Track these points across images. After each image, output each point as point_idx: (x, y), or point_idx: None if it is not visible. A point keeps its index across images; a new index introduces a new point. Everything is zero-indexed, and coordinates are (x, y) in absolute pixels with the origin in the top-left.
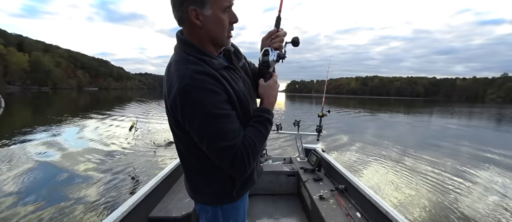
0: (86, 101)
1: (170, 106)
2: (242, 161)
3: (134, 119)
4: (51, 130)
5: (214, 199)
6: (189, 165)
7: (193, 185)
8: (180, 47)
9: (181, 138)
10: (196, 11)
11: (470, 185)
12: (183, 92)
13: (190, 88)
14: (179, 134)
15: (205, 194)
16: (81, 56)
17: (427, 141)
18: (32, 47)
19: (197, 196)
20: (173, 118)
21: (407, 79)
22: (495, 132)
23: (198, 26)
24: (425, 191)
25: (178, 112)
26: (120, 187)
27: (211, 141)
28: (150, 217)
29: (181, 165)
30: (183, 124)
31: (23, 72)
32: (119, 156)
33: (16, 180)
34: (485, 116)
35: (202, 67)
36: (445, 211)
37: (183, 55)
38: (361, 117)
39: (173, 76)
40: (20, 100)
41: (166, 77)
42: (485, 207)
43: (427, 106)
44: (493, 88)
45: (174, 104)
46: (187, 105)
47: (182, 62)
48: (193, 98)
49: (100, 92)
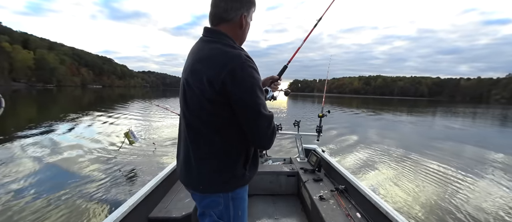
0: (90, 99)
1: (222, 81)
2: (275, 132)
3: (127, 127)
4: (53, 127)
5: (229, 184)
6: (209, 150)
7: (206, 173)
8: (219, 38)
9: (214, 117)
10: (245, 17)
11: (471, 186)
12: (243, 67)
13: (247, 65)
14: (214, 112)
15: (220, 180)
16: (85, 54)
17: (428, 141)
18: (37, 44)
19: (210, 185)
20: (218, 94)
21: (411, 79)
22: (494, 132)
23: (241, 28)
24: (426, 191)
25: (232, 84)
26: (120, 187)
27: (261, 109)
28: (150, 217)
29: (191, 156)
30: (232, 95)
31: (28, 70)
32: (119, 155)
33: (15, 179)
34: (486, 116)
35: (244, 51)
36: (446, 211)
37: (226, 42)
38: (362, 117)
39: (223, 56)
40: (25, 97)
41: (209, 61)
42: (486, 208)
43: (429, 107)
44: (498, 89)
45: (230, 78)
46: (246, 78)
47: (229, 46)
48: (249, 73)
49: (103, 90)
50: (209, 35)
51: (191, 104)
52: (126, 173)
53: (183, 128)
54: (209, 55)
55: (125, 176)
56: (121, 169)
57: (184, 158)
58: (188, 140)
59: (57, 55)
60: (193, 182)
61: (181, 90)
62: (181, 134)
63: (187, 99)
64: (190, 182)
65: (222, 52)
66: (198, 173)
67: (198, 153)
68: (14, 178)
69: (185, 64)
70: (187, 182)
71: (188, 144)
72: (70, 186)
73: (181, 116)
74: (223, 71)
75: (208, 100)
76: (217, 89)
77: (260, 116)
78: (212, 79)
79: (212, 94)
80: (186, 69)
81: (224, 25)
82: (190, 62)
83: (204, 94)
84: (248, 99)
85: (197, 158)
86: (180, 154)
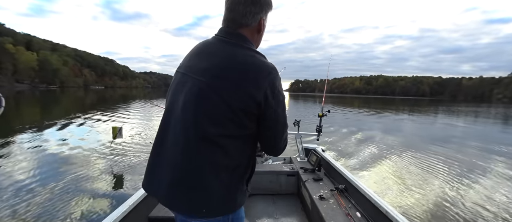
0: (92, 100)
1: (264, 93)
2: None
3: (119, 124)
4: (55, 127)
5: (235, 203)
6: (225, 165)
7: (215, 192)
8: (245, 43)
9: (242, 129)
10: (263, 20)
11: (471, 185)
12: (277, 81)
13: (279, 78)
14: (244, 124)
15: (228, 199)
16: (88, 55)
17: (428, 140)
18: (40, 46)
19: (217, 206)
20: (257, 106)
21: (412, 78)
22: (496, 131)
23: (259, 32)
24: (425, 191)
25: (272, 98)
26: (120, 187)
27: (286, 123)
28: (150, 217)
29: (197, 173)
30: (265, 109)
31: (31, 71)
32: (120, 155)
33: (15, 179)
34: (486, 115)
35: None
36: (445, 210)
37: (253, 48)
38: (363, 116)
39: (262, 66)
40: (29, 98)
41: (251, 70)
42: (487, 207)
43: (430, 106)
44: (500, 88)
45: (271, 90)
46: (281, 91)
47: (259, 55)
48: (281, 87)
49: (106, 91)
50: (231, 38)
51: (212, 111)
52: (127, 173)
53: (184, 139)
54: (246, 65)
55: (125, 176)
56: (122, 169)
57: (180, 173)
58: (194, 154)
59: (60, 57)
60: (191, 204)
61: (189, 94)
62: (172, 145)
63: (203, 105)
64: (187, 203)
65: (259, 62)
66: (204, 192)
67: (212, 170)
68: (14, 177)
69: (192, 62)
70: (180, 203)
71: (193, 159)
72: (70, 186)
73: (172, 123)
74: (265, 84)
75: (245, 113)
76: (257, 102)
77: (285, 128)
78: (254, 90)
79: (251, 107)
80: (206, 71)
81: (242, 29)
82: (208, 64)
83: (242, 106)
84: (281, 112)
85: (207, 174)
86: (164, 168)
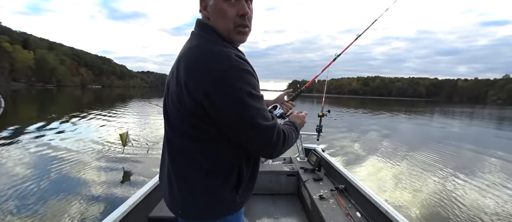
0: (89, 99)
1: (206, 92)
2: (285, 139)
3: (124, 129)
4: (53, 127)
5: (214, 210)
6: (191, 169)
7: (186, 196)
8: (197, 30)
9: (198, 131)
10: (204, 1)
11: (470, 185)
12: (232, 73)
13: (236, 70)
14: (195, 125)
15: (202, 205)
16: (85, 54)
17: (426, 141)
18: (36, 45)
19: (189, 210)
20: (191, 103)
21: (409, 80)
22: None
23: (206, 17)
24: (425, 191)
25: (214, 93)
26: (120, 186)
27: (258, 120)
28: (150, 217)
29: (172, 176)
30: (211, 106)
31: (28, 70)
32: (120, 155)
33: (14, 179)
34: (477, 116)
35: (234, 50)
36: (445, 210)
37: (213, 38)
38: (361, 117)
39: (206, 59)
40: (26, 97)
41: (189, 63)
42: (485, 206)
43: (426, 107)
44: (495, 90)
45: (215, 84)
46: (234, 88)
47: (208, 43)
48: (240, 79)
49: (103, 90)
50: (196, 28)
51: (171, 115)
52: (127, 173)
53: (168, 140)
54: (189, 54)
55: (125, 176)
56: (121, 169)
57: (167, 177)
58: (168, 156)
59: (57, 55)
60: (174, 206)
61: (164, 96)
62: (165, 148)
63: (167, 108)
64: (172, 205)
65: (206, 51)
66: (179, 196)
67: (179, 173)
68: (13, 178)
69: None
70: (169, 204)
71: (168, 160)
72: (70, 186)
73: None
74: (209, 77)
75: (189, 111)
76: (196, 100)
77: (260, 128)
78: (192, 86)
79: (192, 105)
80: (171, 74)
81: (200, 15)
82: (174, 63)
83: (184, 104)
84: (240, 112)
85: (178, 178)
86: (163, 172)
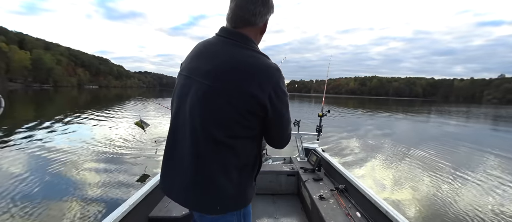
0: (86, 99)
1: (269, 95)
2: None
3: (138, 117)
4: (51, 127)
5: (246, 199)
6: (234, 164)
7: (227, 190)
8: (247, 43)
9: (248, 130)
10: (267, 22)
11: (469, 184)
12: (281, 81)
13: (282, 78)
14: (250, 125)
15: (240, 196)
16: (82, 54)
17: (425, 140)
18: (33, 45)
19: (229, 203)
20: (261, 107)
21: (406, 80)
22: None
23: (262, 33)
24: (425, 190)
25: (277, 99)
26: (120, 186)
27: (289, 119)
28: (150, 217)
29: (207, 173)
30: (269, 110)
31: (25, 70)
32: (120, 154)
33: (13, 179)
34: (473, 115)
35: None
36: (444, 209)
37: (256, 49)
38: (359, 117)
39: (266, 67)
40: (22, 98)
41: (251, 68)
42: (484, 205)
43: (423, 107)
44: (490, 89)
45: (275, 92)
46: (284, 93)
47: (262, 56)
48: (284, 86)
49: (100, 91)
50: (233, 37)
51: (218, 114)
52: (127, 172)
53: (193, 142)
54: (250, 66)
55: (125, 175)
56: (121, 168)
57: (190, 177)
58: (203, 157)
59: (54, 55)
60: (206, 203)
61: (194, 98)
62: (181, 148)
63: (209, 108)
64: (202, 202)
65: (263, 63)
66: (217, 191)
67: (222, 172)
68: (12, 178)
69: (194, 64)
70: (195, 203)
71: (193, 159)
72: (70, 186)
73: (180, 126)
74: (269, 86)
75: (251, 114)
76: (262, 104)
77: (289, 124)
78: (258, 93)
79: (256, 108)
80: (209, 73)
81: (248, 28)
82: (212, 66)
83: (245, 106)
84: (285, 111)
85: (218, 174)
86: (175, 171)
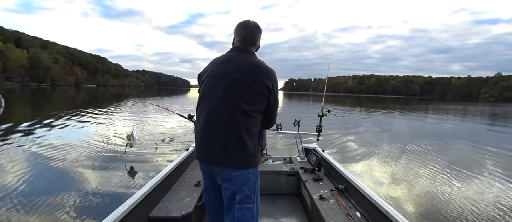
0: (84, 98)
1: (272, 85)
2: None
3: (129, 130)
4: (50, 127)
5: (258, 159)
6: (253, 131)
7: (251, 150)
8: (253, 55)
9: (261, 106)
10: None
11: (468, 181)
12: (276, 77)
13: (276, 77)
14: (262, 102)
15: (257, 156)
16: (79, 53)
17: (425, 139)
18: (29, 43)
19: (252, 160)
20: (269, 92)
21: (404, 78)
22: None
23: (258, 49)
24: (425, 190)
25: (274, 88)
26: (120, 186)
27: (278, 104)
28: (150, 217)
29: (238, 137)
30: (272, 95)
31: (22, 69)
32: (120, 155)
33: (12, 179)
34: (468, 113)
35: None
36: (445, 209)
37: (258, 58)
38: (359, 115)
39: (269, 69)
40: (20, 96)
41: (261, 68)
42: (483, 202)
43: (420, 105)
44: (487, 87)
45: (274, 84)
46: (277, 85)
47: (264, 62)
48: (277, 82)
49: (98, 89)
50: (245, 51)
51: (246, 96)
52: (126, 172)
53: (228, 115)
54: (260, 66)
55: (125, 176)
56: (121, 168)
57: (226, 140)
58: (236, 123)
59: (51, 54)
60: (238, 159)
61: (226, 86)
62: (218, 121)
63: (238, 91)
64: (233, 160)
65: (266, 65)
66: (245, 149)
67: (247, 134)
68: (11, 178)
69: (222, 67)
70: (226, 161)
71: (236, 127)
72: (69, 186)
73: (218, 106)
74: (272, 79)
75: (263, 95)
76: (270, 89)
77: (277, 109)
78: (267, 83)
79: (266, 92)
80: (235, 71)
81: (252, 47)
82: (236, 67)
83: (261, 90)
84: (277, 97)
85: (246, 138)
86: (212, 139)
